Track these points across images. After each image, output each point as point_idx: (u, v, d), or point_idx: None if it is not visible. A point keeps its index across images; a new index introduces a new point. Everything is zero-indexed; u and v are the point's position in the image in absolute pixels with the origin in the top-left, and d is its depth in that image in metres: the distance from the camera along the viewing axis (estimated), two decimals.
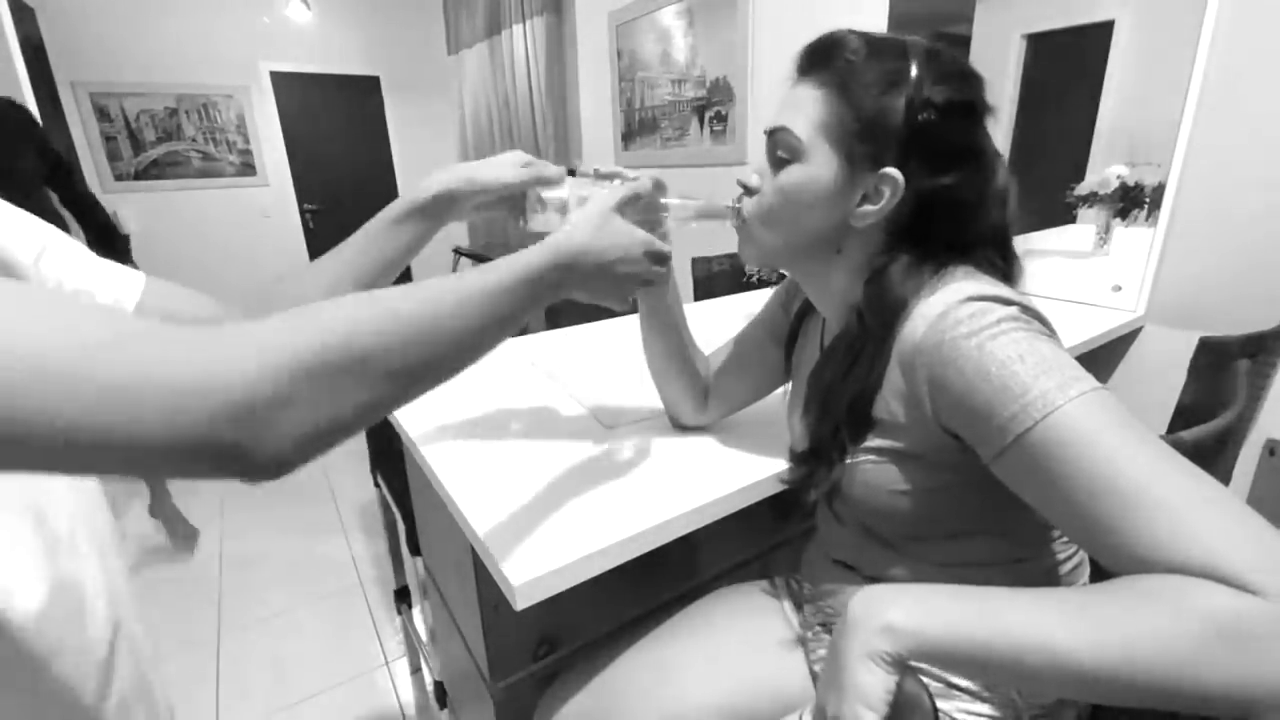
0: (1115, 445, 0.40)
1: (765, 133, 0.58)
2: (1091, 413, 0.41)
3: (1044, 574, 0.61)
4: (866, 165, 0.53)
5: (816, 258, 0.61)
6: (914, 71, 0.51)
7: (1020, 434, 0.43)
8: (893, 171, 0.53)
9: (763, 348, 0.80)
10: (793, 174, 0.56)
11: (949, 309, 0.49)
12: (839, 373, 0.58)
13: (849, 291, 0.60)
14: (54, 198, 1.92)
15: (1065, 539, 0.62)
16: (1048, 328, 0.49)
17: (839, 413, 0.57)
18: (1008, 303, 0.48)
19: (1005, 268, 0.58)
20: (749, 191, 0.61)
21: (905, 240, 0.56)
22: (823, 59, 0.55)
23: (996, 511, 0.57)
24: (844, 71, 0.53)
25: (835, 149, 0.54)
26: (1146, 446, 0.40)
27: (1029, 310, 0.49)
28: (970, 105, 0.54)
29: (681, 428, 0.86)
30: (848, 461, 0.58)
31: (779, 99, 0.59)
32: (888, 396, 0.54)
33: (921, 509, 0.56)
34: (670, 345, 0.79)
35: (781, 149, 0.56)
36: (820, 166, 0.55)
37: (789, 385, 0.80)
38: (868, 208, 0.55)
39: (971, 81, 0.54)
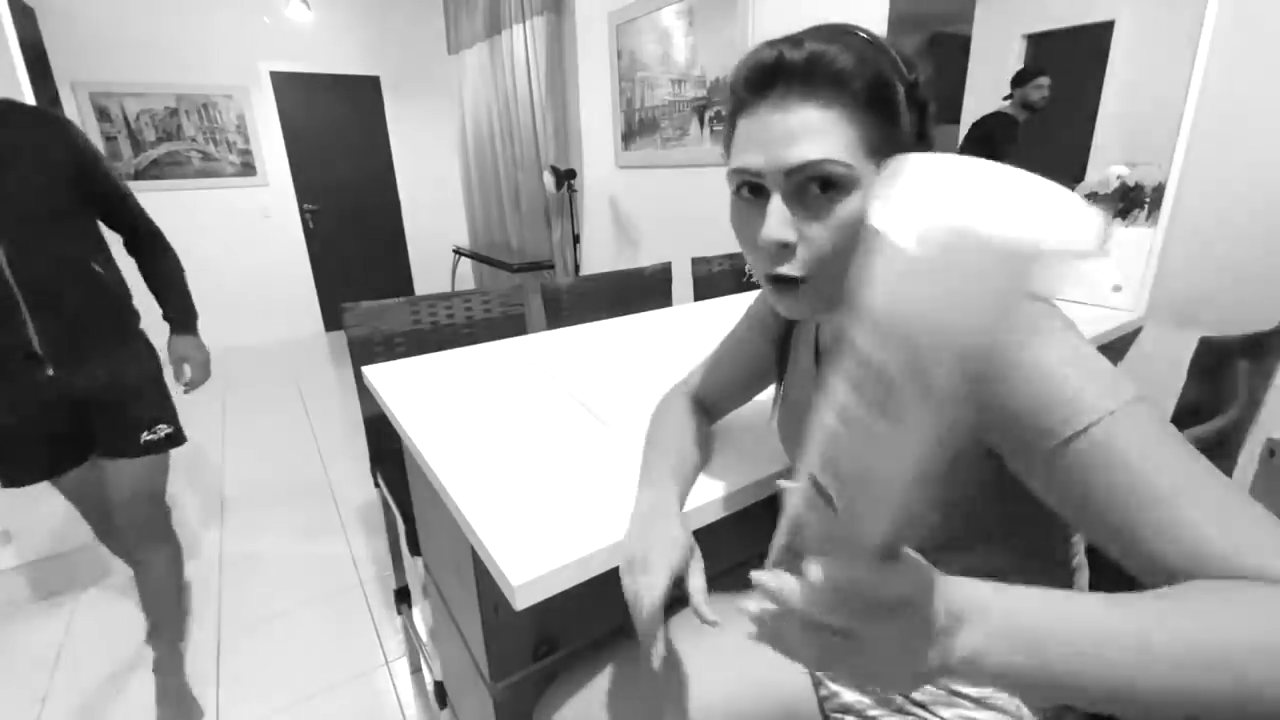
0: (1158, 458, 0.40)
1: (787, 171, 0.50)
2: (1135, 425, 0.41)
3: (1052, 580, 0.59)
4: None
5: None
6: (891, 59, 0.50)
7: (1063, 440, 0.42)
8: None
9: (758, 354, 0.80)
10: (853, 205, 0.50)
11: None
12: None
13: None
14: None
15: (1065, 544, 0.61)
16: (1071, 324, 0.48)
17: None
18: (1046, 303, 0.47)
19: None
20: (784, 247, 0.52)
21: None
22: (815, 76, 0.49)
23: (998, 523, 0.56)
24: (851, 80, 0.49)
25: (879, 163, 0.51)
26: (1186, 458, 0.41)
27: (1064, 314, 0.48)
28: (925, 71, 0.53)
29: None
30: None
31: (750, 132, 0.52)
32: None
33: (935, 520, 0.55)
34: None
35: (823, 185, 0.50)
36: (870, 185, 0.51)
37: (777, 395, 0.78)
38: None
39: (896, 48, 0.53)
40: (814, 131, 0.49)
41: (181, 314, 1.44)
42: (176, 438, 1.40)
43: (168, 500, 1.45)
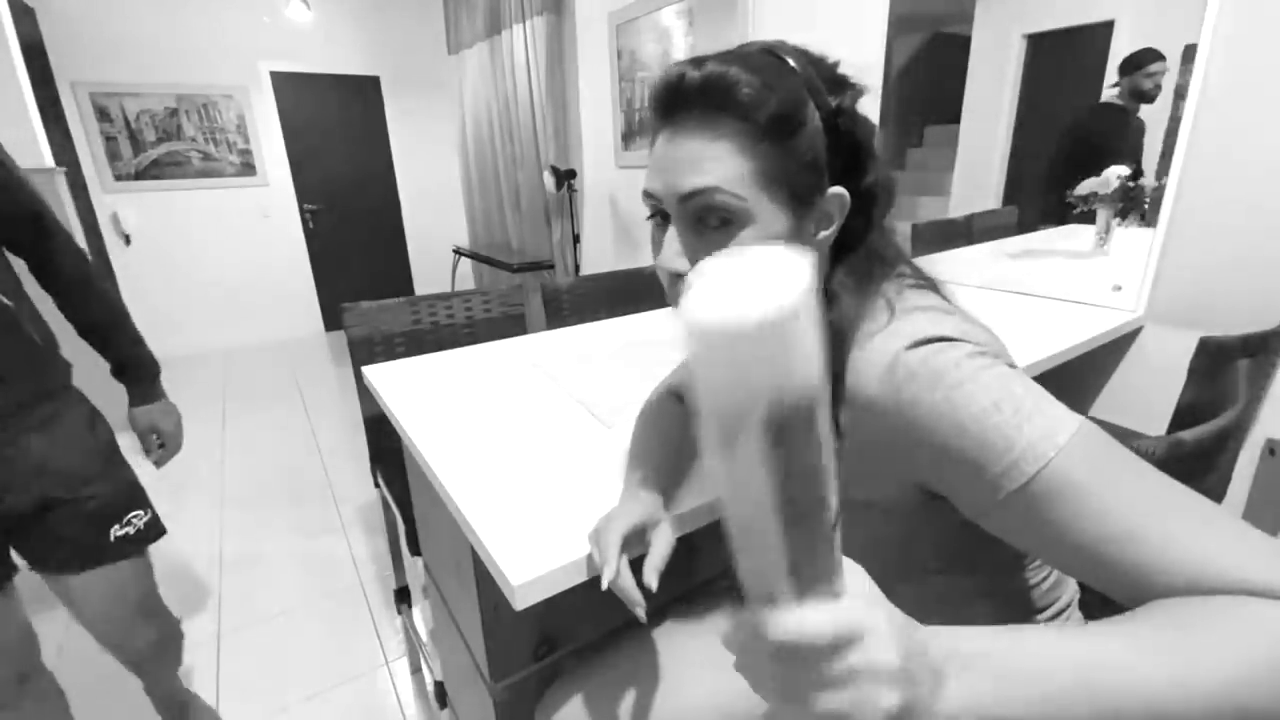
0: (1112, 487, 0.39)
1: (680, 198, 0.49)
2: (1083, 458, 0.40)
3: (1021, 601, 0.59)
4: (812, 196, 0.49)
5: None
6: (808, 83, 0.48)
7: (1013, 490, 0.40)
8: (838, 190, 0.50)
9: None
10: (746, 239, 0.48)
11: (896, 358, 0.45)
12: None
13: None
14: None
15: (1031, 568, 0.59)
16: (1003, 355, 0.46)
17: None
18: (955, 341, 0.45)
19: (903, 260, 0.55)
20: (676, 275, 0.51)
21: (839, 254, 0.53)
22: (710, 101, 0.47)
23: (960, 554, 0.55)
24: (751, 108, 0.46)
25: (778, 195, 0.48)
26: (1139, 480, 0.40)
27: (979, 345, 0.45)
28: (861, 94, 0.51)
29: None
30: None
31: (655, 155, 0.51)
32: (843, 453, 0.51)
33: (882, 555, 0.52)
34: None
35: (716, 215, 0.48)
36: (769, 219, 0.48)
37: None
38: (822, 234, 0.51)
39: (845, 72, 0.51)
40: (706, 160, 0.47)
41: (136, 369, 1.07)
42: (155, 527, 1.06)
43: (158, 598, 1.13)
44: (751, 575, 0.30)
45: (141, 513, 1.03)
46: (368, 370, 1.16)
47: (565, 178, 3.20)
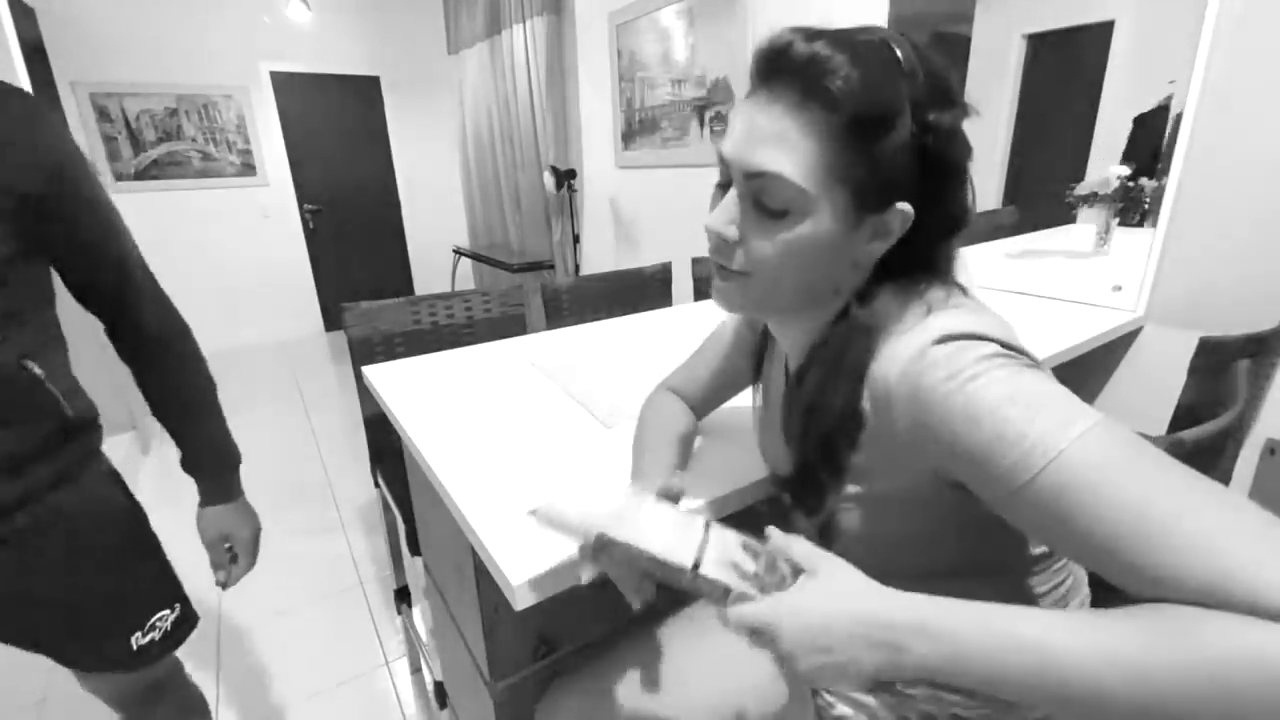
0: (1126, 482, 0.38)
1: (745, 174, 0.49)
2: (1097, 451, 0.39)
3: (1034, 599, 0.59)
4: (877, 206, 0.48)
5: (817, 303, 0.54)
6: (912, 91, 0.46)
7: (1025, 483, 0.40)
8: (904, 206, 0.48)
9: (731, 363, 0.80)
10: (799, 232, 0.48)
11: (923, 350, 0.45)
12: (811, 409, 0.54)
13: (817, 329, 0.56)
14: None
15: (1056, 568, 0.60)
16: (1031, 359, 0.45)
17: (814, 453, 0.55)
18: (985, 339, 0.44)
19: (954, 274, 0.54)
20: (722, 240, 0.52)
21: (890, 266, 0.52)
22: (804, 81, 0.46)
23: (980, 552, 0.55)
24: (840, 102, 0.45)
25: (842, 195, 0.47)
26: (1159, 474, 0.38)
27: (1009, 346, 0.45)
28: (966, 115, 0.49)
29: None
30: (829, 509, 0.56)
31: (737, 117, 0.50)
32: (867, 445, 0.51)
33: (902, 552, 0.54)
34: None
35: (774, 199, 0.48)
36: (825, 217, 0.48)
37: (756, 402, 0.78)
38: (876, 245, 0.50)
39: (959, 91, 0.49)
40: (779, 142, 0.47)
41: (216, 463, 0.88)
42: (187, 623, 0.88)
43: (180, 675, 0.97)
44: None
45: (169, 611, 0.85)
46: (368, 370, 1.16)
47: (565, 178, 3.20)
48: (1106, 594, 0.41)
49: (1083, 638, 0.36)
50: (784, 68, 0.47)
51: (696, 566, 0.46)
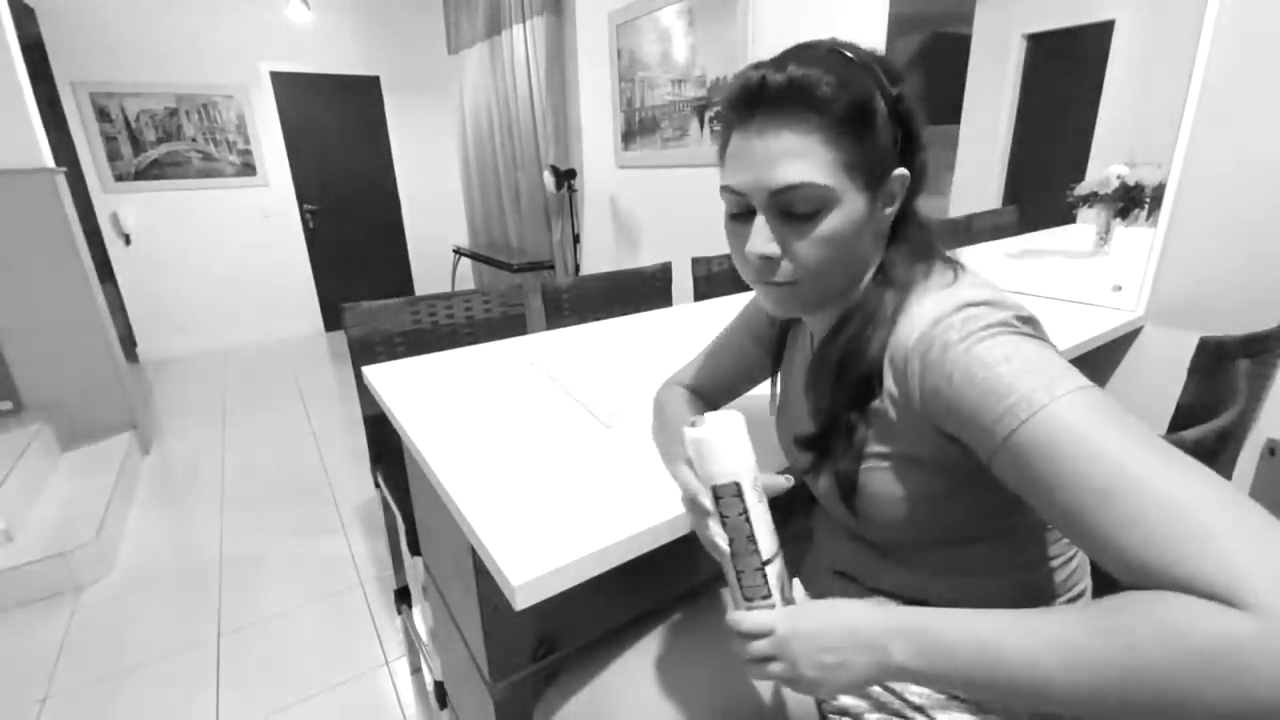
0: (1101, 445, 0.39)
1: (770, 192, 0.53)
2: (1078, 411, 0.41)
3: (1041, 579, 0.61)
4: (884, 178, 0.55)
5: (855, 282, 0.59)
6: (875, 77, 0.52)
7: (1007, 435, 0.43)
8: (901, 171, 0.55)
9: (746, 355, 0.82)
10: (834, 221, 0.53)
11: (943, 315, 0.50)
12: (845, 358, 0.58)
13: (849, 301, 0.60)
14: None
15: (1063, 543, 0.62)
16: (1041, 332, 0.49)
17: (845, 395, 0.58)
18: (1002, 308, 0.49)
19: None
20: (768, 260, 0.56)
21: (894, 231, 0.59)
22: (794, 100, 0.51)
23: (995, 517, 0.57)
24: (831, 103, 0.51)
25: (858, 180, 0.53)
26: (1136, 444, 0.39)
27: (1024, 318, 0.49)
28: (908, 83, 0.55)
29: None
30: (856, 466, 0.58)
31: (737, 151, 0.55)
32: (886, 401, 0.55)
33: (922, 515, 0.56)
34: None
35: (803, 204, 0.53)
36: (851, 203, 0.53)
37: (775, 392, 0.79)
38: (888, 212, 0.57)
39: (899, 66, 0.55)
40: (794, 155, 0.52)
41: None
42: None
43: None
44: (730, 587, 0.55)
45: None
46: (368, 370, 1.16)
47: (565, 178, 3.20)
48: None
49: (1033, 630, 0.39)
50: (766, 97, 0.52)
51: (768, 562, 0.52)
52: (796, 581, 0.55)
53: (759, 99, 0.52)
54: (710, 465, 0.52)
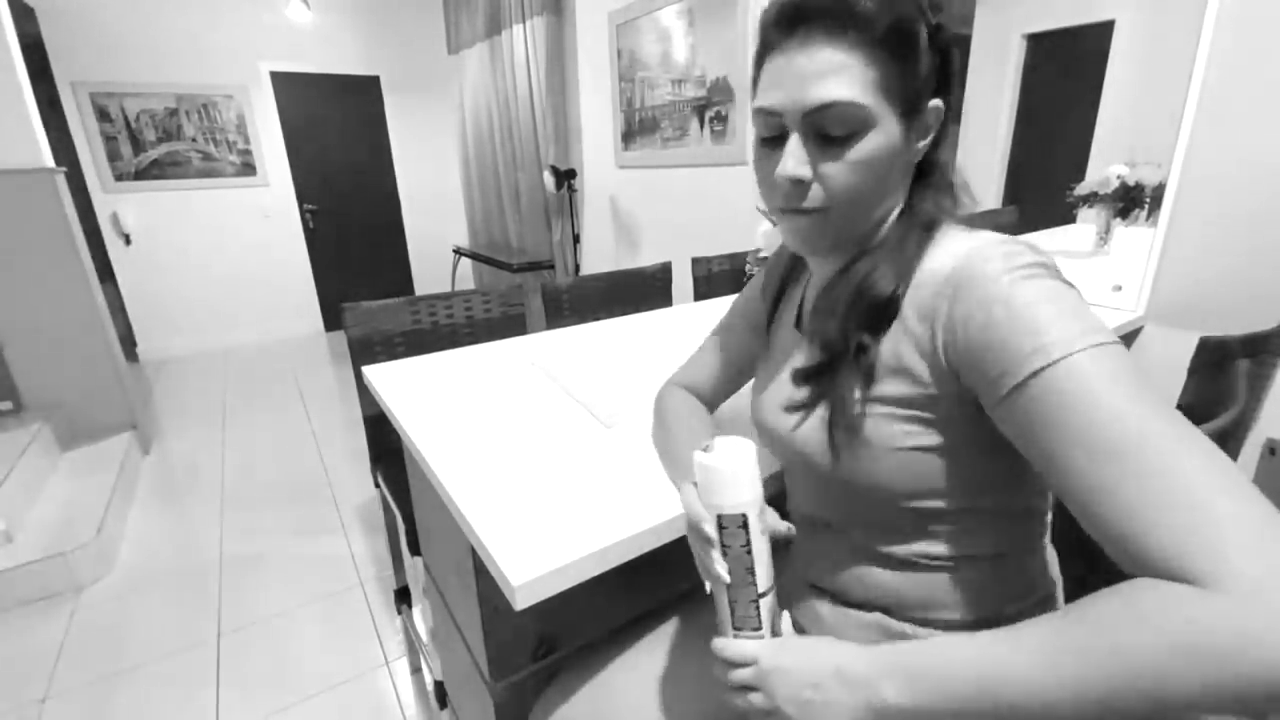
0: (1124, 405, 0.39)
1: (805, 111, 0.52)
2: (1114, 362, 0.41)
3: (1022, 571, 0.58)
4: (920, 107, 0.53)
5: (880, 223, 0.58)
6: (917, 1, 0.51)
7: (1036, 371, 0.42)
8: (936, 102, 0.54)
9: (742, 344, 0.81)
10: (870, 144, 0.51)
11: (982, 246, 0.49)
12: (861, 290, 0.55)
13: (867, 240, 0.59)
14: None
15: (1032, 536, 0.59)
16: (1078, 291, 0.49)
17: (856, 322, 0.55)
18: (1039, 253, 0.49)
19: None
20: (799, 184, 0.54)
21: (919, 174, 0.58)
22: (834, 16, 0.50)
23: (974, 493, 0.54)
24: (873, 21, 0.49)
25: (895, 104, 0.51)
26: (1155, 413, 0.39)
27: (1057, 268, 0.49)
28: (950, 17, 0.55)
29: None
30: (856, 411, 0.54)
31: (774, 71, 0.54)
32: (898, 339, 0.53)
33: (903, 471, 0.53)
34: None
35: (839, 125, 0.51)
36: (887, 126, 0.52)
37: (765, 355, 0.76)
38: (922, 144, 0.56)
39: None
40: (834, 72, 0.50)
41: None
42: None
43: None
44: (718, 612, 0.55)
45: None
46: (368, 370, 1.16)
47: (565, 178, 3.20)
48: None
49: (1019, 645, 0.39)
50: (808, 13, 0.51)
51: (763, 595, 0.52)
52: (786, 615, 0.54)
53: (799, 16, 0.51)
54: (718, 494, 0.51)
